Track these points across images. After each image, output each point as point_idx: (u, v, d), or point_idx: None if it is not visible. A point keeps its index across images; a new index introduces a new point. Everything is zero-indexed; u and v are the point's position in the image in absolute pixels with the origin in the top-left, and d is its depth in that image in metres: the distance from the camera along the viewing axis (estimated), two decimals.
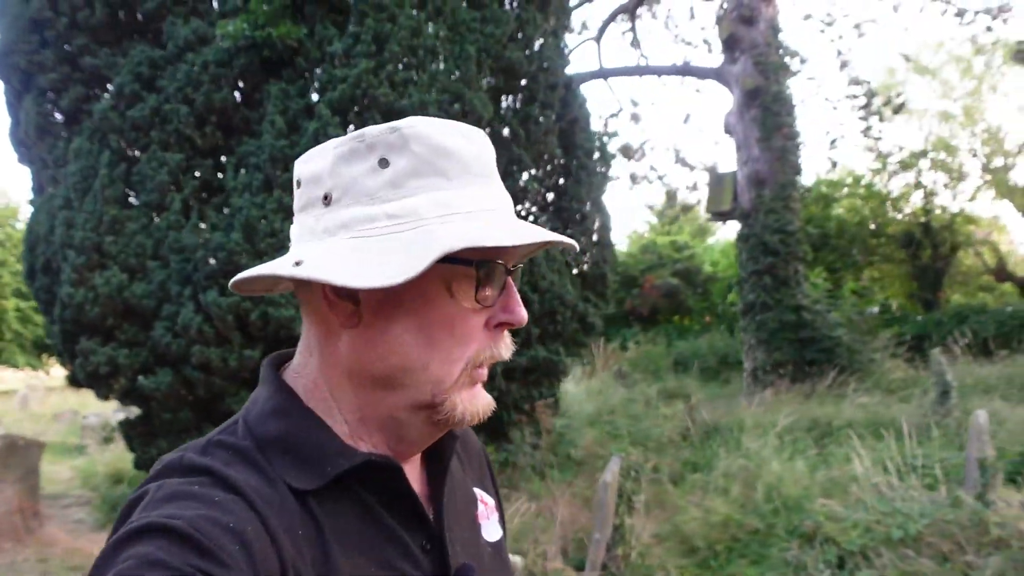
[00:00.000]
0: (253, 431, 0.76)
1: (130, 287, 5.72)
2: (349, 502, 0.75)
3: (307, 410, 0.78)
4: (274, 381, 0.81)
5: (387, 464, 0.76)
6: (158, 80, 5.78)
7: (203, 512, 0.63)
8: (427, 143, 0.74)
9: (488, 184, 0.78)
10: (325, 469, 0.73)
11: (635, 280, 16.63)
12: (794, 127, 10.85)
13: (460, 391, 0.77)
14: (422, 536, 0.80)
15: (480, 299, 0.75)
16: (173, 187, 5.74)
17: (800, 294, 10.57)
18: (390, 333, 0.75)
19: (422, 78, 5.68)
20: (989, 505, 4.29)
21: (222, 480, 0.69)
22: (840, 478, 5.00)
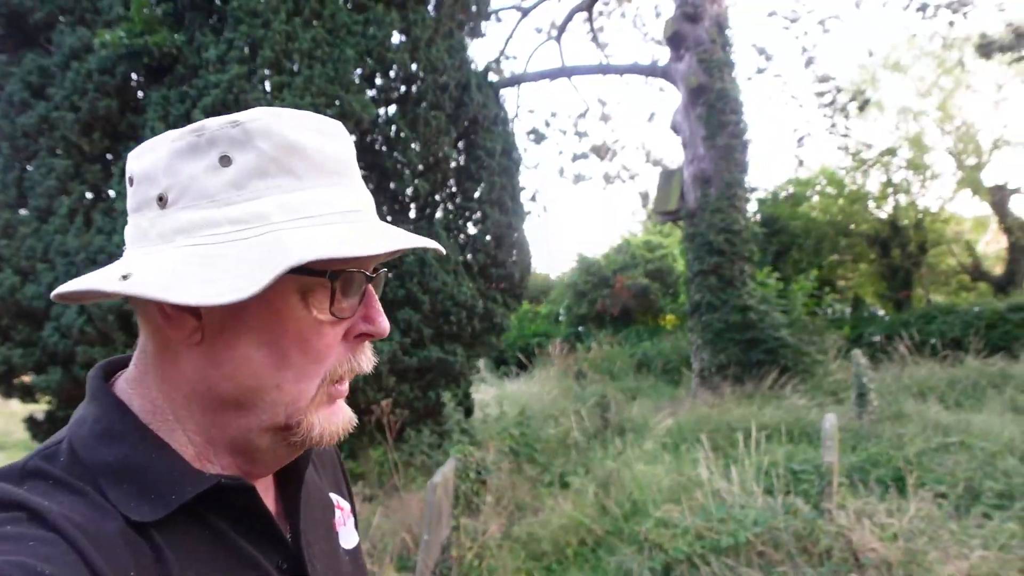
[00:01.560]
0: (82, 457, 0.67)
1: (22, 289, 5.90)
2: (198, 530, 0.68)
3: (145, 430, 0.69)
4: (105, 397, 0.71)
5: (239, 486, 0.70)
6: (47, 88, 5.98)
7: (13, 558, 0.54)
8: (274, 139, 0.67)
9: (346, 183, 0.71)
10: (169, 497, 0.66)
11: (607, 280, 16.64)
12: (740, 125, 10.78)
13: (318, 409, 0.71)
14: (279, 556, 0.75)
15: (336, 311, 0.69)
16: (61, 193, 5.92)
17: (747, 294, 10.51)
18: (237, 351, 0.68)
19: (296, 82, 5.80)
20: (823, 513, 4.29)
21: (39, 517, 0.59)
22: (688, 484, 5.00)
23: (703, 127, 10.78)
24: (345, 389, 0.74)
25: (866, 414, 7.27)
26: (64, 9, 6.00)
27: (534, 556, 4.87)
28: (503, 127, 7.77)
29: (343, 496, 0.95)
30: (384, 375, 6.34)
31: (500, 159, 7.41)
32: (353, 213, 0.69)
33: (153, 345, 0.71)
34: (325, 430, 0.72)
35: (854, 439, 6.95)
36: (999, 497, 4.89)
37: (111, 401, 0.70)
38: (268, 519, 0.73)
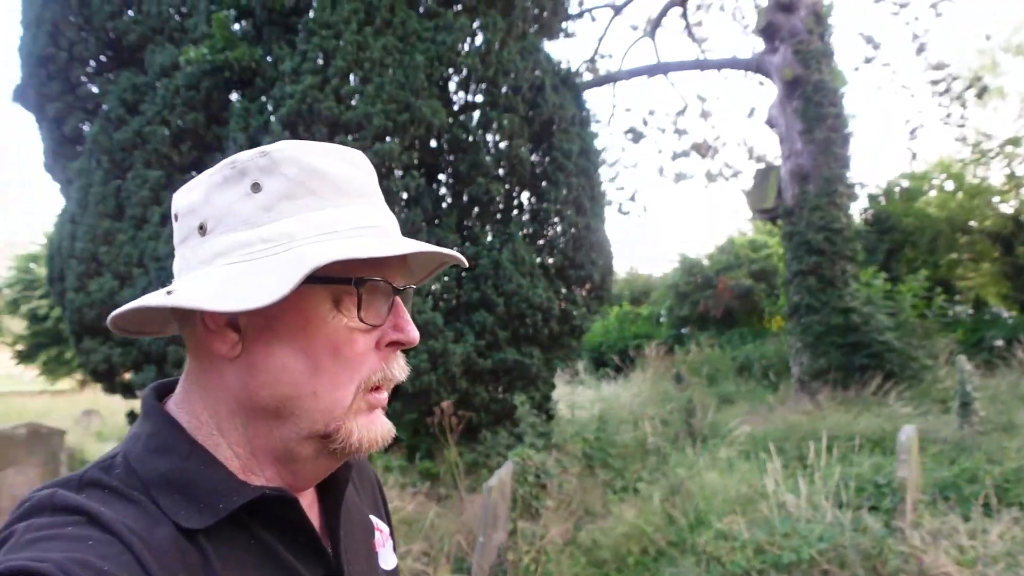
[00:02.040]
0: (136, 469, 0.72)
1: (120, 292, 6.32)
2: (244, 539, 0.72)
3: (194, 444, 0.74)
4: (158, 415, 0.77)
5: (283, 497, 0.74)
6: (141, 104, 6.36)
7: (74, 555, 0.59)
8: (298, 165, 0.74)
9: (367, 204, 0.77)
10: (217, 506, 0.70)
11: (710, 281, 16.14)
12: (840, 117, 10.21)
13: (356, 417, 0.75)
14: (320, 570, 0.78)
15: (364, 318, 0.73)
16: (154, 202, 6.29)
17: (849, 295, 9.94)
18: (274, 360, 0.73)
19: (368, 90, 5.92)
20: (894, 532, 4.00)
21: (97, 520, 0.64)
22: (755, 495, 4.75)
23: (800, 121, 10.29)
24: (384, 398, 0.77)
25: (969, 425, 6.72)
26: (155, 30, 6.37)
27: (595, 563, 4.76)
28: (582, 128, 7.66)
29: (382, 519, 0.98)
30: (457, 377, 6.37)
31: (578, 160, 7.31)
32: (373, 228, 0.74)
33: (198, 362, 0.76)
34: (364, 437, 0.75)
35: (955, 451, 6.44)
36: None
37: (163, 418, 0.75)
38: (311, 532, 0.76)
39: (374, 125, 5.85)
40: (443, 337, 6.13)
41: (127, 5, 6.41)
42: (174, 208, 0.80)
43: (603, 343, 17.25)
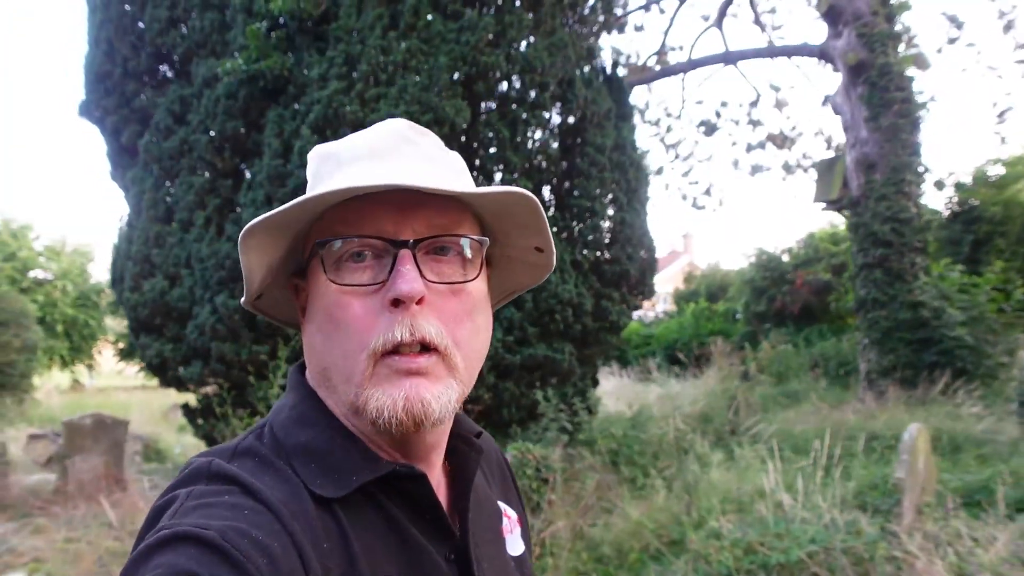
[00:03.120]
0: (279, 439, 0.77)
1: (170, 292, 6.72)
2: (374, 512, 0.75)
3: (332, 417, 0.78)
4: (300, 388, 0.82)
5: (411, 474, 0.76)
6: (187, 114, 6.74)
7: (232, 524, 0.63)
8: (317, 157, 0.82)
9: (369, 164, 0.76)
10: (351, 478, 0.73)
11: (787, 276, 15.58)
12: (910, 102, 9.67)
13: (376, 385, 0.72)
14: (447, 547, 0.79)
15: (334, 279, 0.73)
16: (199, 206, 6.65)
17: (918, 289, 9.43)
18: (308, 337, 0.79)
19: (391, 92, 6.08)
20: (887, 536, 3.83)
21: (250, 490, 0.68)
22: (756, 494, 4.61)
23: (865, 107, 9.84)
24: (411, 361, 0.72)
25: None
26: (199, 43, 6.73)
27: (598, 559, 4.75)
28: (619, 122, 7.60)
29: (512, 506, 0.99)
30: (484, 372, 6.45)
31: (612, 155, 7.25)
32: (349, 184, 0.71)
33: None
34: (382, 404, 0.72)
35: (1011, 452, 6.05)
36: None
37: (305, 391, 0.81)
38: (438, 510, 0.78)
39: None
40: None
41: (174, 22, 6.80)
42: None
43: (678, 340, 16.98)
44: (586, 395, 7.78)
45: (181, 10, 6.77)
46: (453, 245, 0.76)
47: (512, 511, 0.98)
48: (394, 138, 0.80)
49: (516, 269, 0.90)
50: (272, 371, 6.43)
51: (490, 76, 6.48)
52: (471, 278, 0.77)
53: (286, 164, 6.27)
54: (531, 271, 0.91)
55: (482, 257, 0.79)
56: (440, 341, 0.73)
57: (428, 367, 0.73)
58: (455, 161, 0.85)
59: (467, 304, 0.77)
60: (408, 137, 0.80)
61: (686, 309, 18.54)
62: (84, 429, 7.24)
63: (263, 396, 6.34)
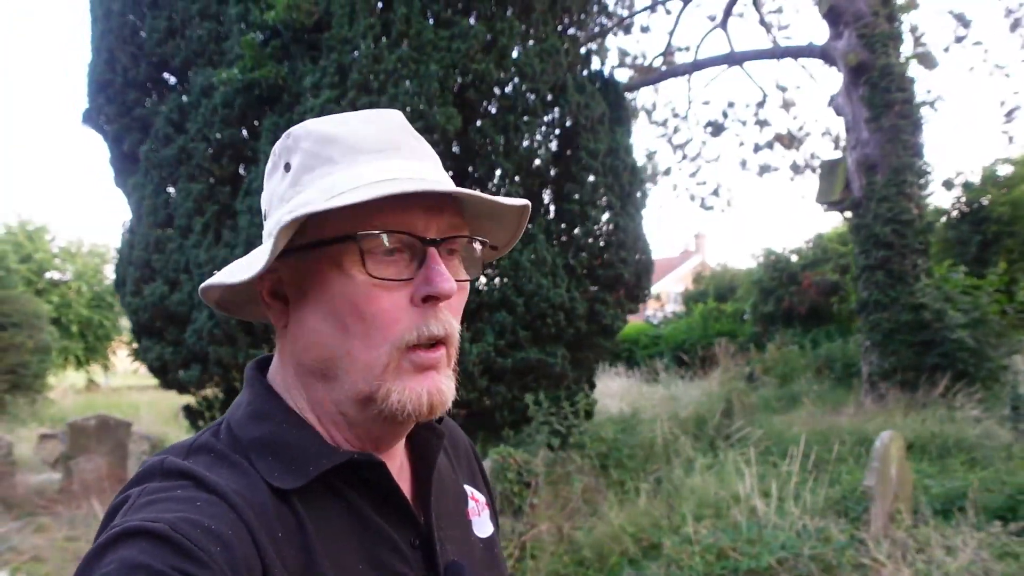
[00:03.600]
0: (235, 434, 0.77)
1: (170, 296, 6.87)
2: (334, 502, 0.76)
3: (289, 411, 0.79)
4: (257, 383, 0.83)
5: (369, 461, 0.76)
6: (186, 123, 6.88)
7: (184, 515, 0.64)
8: (312, 136, 0.79)
9: (388, 158, 0.77)
10: (308, 468, 0.74)
11: (795, 277, 15.52)
12: (911, 103, 9.63)
13: (398, 378, 0.74)
14: (411, 533, 0.80)
15: (372, 272, 0.73)
16: (197, 213, 6.79)
17: (920, 291, 9.38)
18: (307, 325, 0.77)
19: (382, 100, 6.17)
20: (854, 543, 3.87)
21: (203, 483, 0.69)
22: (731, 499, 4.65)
23: (866, 108, 9.79)
24: (432, 357, 0.75)
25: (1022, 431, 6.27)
26: (197, 53, 6.87)
27: (578, 562, 4.81)
28: (614, 126, 7.64)
29: (479, 488, 1.00)
30: (476, 376, 6.53)
31: (605, 159, 7.30)
32: (388, 182, 0.73)
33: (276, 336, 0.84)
34: (406, 399, 0.74)
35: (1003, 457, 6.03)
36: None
37: (262, 387, 0.82)
38: (399, 496, 0.79)
39: None
40: (460, 336, 6.30)
41: (172, 32, 6.94)
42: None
43: (686, 340, 16.96)
44: (575, 399, 7.84)
45: (179, 21, 6.91)
46: (464, 245, 0.80)
47: (480, 494, 0.98)
48: (406, 133, 0.80)
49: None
50: None
51: (481, 83, 6.55)
52: (475, 277, 0.82)
53: None
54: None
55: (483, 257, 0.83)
56: (455, 335, 0.77)
57: (440, 360, 0.76)
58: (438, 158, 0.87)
59: (463, 301, 0.81)
60: (413, 132, 0.82)
61: (695, 310, 18.51)
62: (88, 430, 7.40)
63: None
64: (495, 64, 6.58)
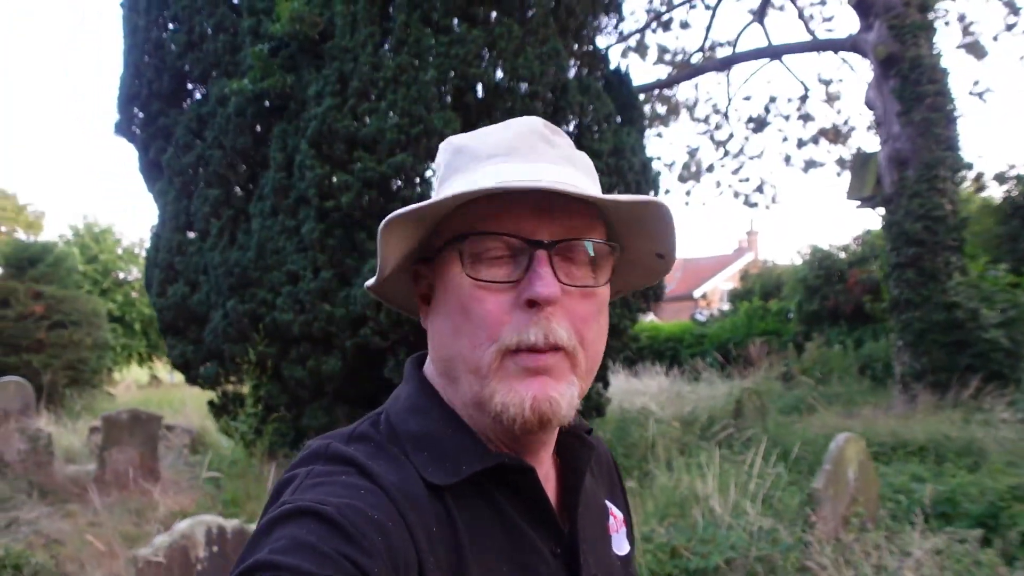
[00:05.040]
0: (395, 426, 0.79)
1: (191, 297, 7.23)
2: (482, 501, 0.76)
3: (445, 407, 0.80)
4: (415, 378, 0.84)
5: (520, 466, 0.77)
6: (204, 131, 7.22)
7: (349, 501, 0.66)
8: (448, 148, 0.83)
9: (503, 162, 0.77)
10: (460, 467, 0.74)
11: (842, 275, 15.11)
12: (944, 95, 9.29)
13: (502, 381, 0.74)
14: (553, 542, 0.79)
15: (472, 274, 0.74)
16: (214, 216, 7.12)
17: (953, 289, 9.08)
18: (435, 326, 0.80)
19: (381, 107, 6.36)
20: (799, 545, 3.86)
21: (366, 472, 0.71)
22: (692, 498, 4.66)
23: (897, 102, 9.51)
24: (539, 361, 0.73)
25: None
26: (214, 64, 7.21)
27: None
28: (618, 126, 7.67)
29: (618, 505, 0.99)
30: None
31: (609, 159, 7.33)
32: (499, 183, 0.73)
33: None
34: (508, 401, 0.73)
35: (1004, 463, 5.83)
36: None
37: (419, 381, 0.84)
38: (546, 504, 0.79)
39: (387, 140, 6.29)
40: None
41: (191, 45, 7.30)
42: None
43: (731, 339, 16.72)
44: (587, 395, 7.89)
45: (198, 34, 7.26)
46: (585, 248, 0.77)
47: (618, 511, 0.98)
48: (532, 137, 0.80)
49: (630, 271, 0.90)
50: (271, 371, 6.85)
51: (479, 87, 6.67)
52: (602, 283, 0.79)
53: (289, 177, 6.66)
54: (646, 274, 0.91)
55: (612, 262, 0.81)
56: (569, 343, 0.74)
57: (553, 365, 0.73)
58: (588, 163, 0.86)
59: (594, 306, 0.78)
60: (544, 136, 0.81)
61: (740, 308, 18.22)
62: (121, 423, 7.83)
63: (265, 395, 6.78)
64: (493, 68, 6.69)
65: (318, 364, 6.64)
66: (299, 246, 6.58)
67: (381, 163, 6.29)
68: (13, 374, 10.21)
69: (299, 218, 6.60)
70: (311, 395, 6.95)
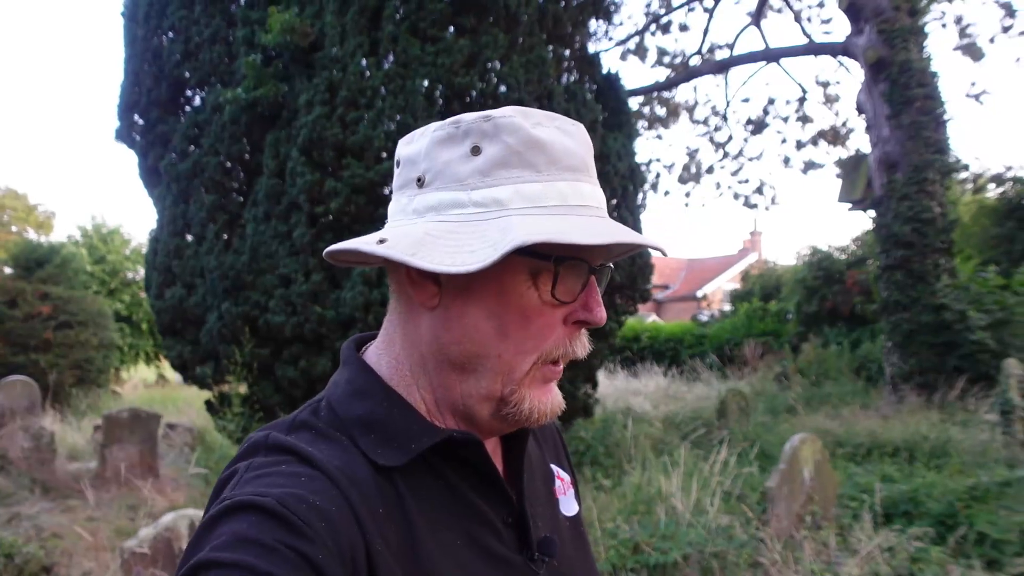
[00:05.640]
0: (337, 411, 0.79)
1: (187, 299, 7.44)
2: (432, 478, 0.77)
3: (389, 389, 0.80)
4: (355, 362, 0.84)
5: (468, 440, 0.78)
6: (200, 138, 7.42)
7: (290, 490, 0.66)
8: (519, 134, 0.76)
9: (579, 179, 0.78)
10: (409, 446, 0.75)
11: (840, 276, 15.18)
12: (933, 99, 9.38)
13: (531, 386, 0.78)
14: (504, 511, 0.82)
15: (557, 295, 0.75)
16: (210, 221, 7.32)
17: (941, 291, 9.17)
18: (467, 317, 0.77)
19: (369, 115, 6.54)
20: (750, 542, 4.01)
21: (306, 459, 0.71)
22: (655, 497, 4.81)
23: (886, 105, 9.62)
24: (559, 372, 0.80)
25: (1011, 436, 6.14)
26: (210, 73, 7.41)
27: None
28: (604, 132, 7.81)
29: (563, 467, 1.02)
30: None
31: (595, 164, 7.47)
32: (583, 207, 0.76)
33: (399, 308, 0.83)
34: (535, 407, 0.78)
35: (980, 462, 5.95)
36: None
37: (360, 365, 0.83)
38: (495, 474, 0.81)
39: (375, 147, 6.47)
40: None
41: (188, 55, 7.50)
42: (397, 155, 0.84)
43: (731, 340, 16.83)
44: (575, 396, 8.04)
45: (194, 44, 7.46)
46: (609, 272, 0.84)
47: (564, 473, 1.00)
48: (589, 150, 0.82)
49: None
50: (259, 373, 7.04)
51: (464, 95, 6.83)
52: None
53: (282, 183, 6.85)
54: None
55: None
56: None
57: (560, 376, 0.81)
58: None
59: None
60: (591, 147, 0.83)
61: (740, 309, 18.32)
62: (121, 421, 8.05)
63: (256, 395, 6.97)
64: (478, 77, 6.85)
65: (310, 365, 6.83)
66: (291, 250, 6.77)
67: (369, 170, 6.47)
68: (20, 373, 10.49)
69: (291, 223, 6.79)
70: (304, 395, 7.13)
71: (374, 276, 6.50)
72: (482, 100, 6.90)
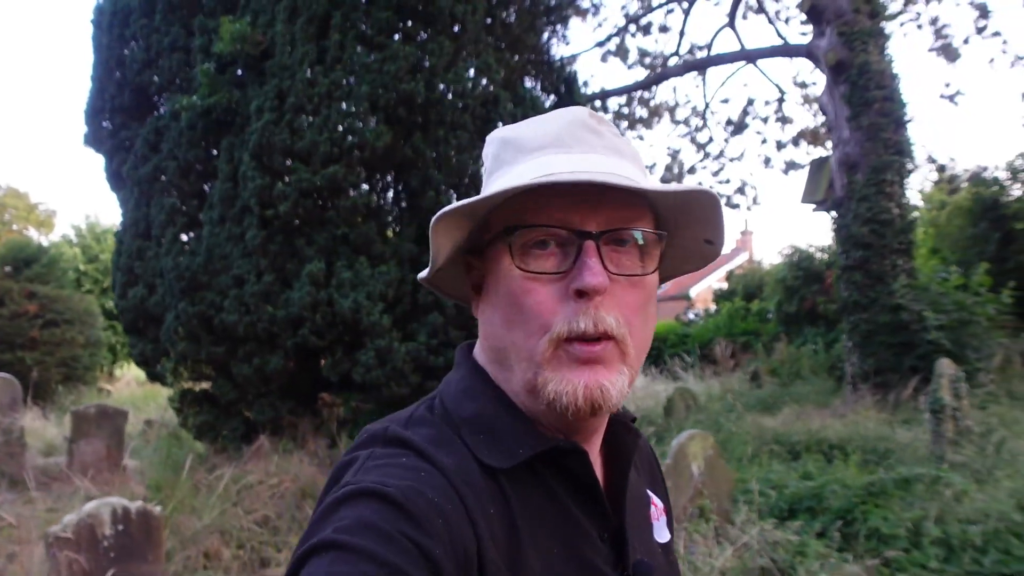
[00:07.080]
0: (449, 410, 0.81)
1: (148, 299, 7.67)
2: (535, 484, 0.77)
3: (497, 391, 0.81)
4: (467, 363, 0.86)
5: (574, 449, 0.78)
6: (160, 144, 7.66)
7: (411, 483, 0.67)
8: (495, 142, 0.83)
9: (550, 154, 0.78)
10: (517, 451, 0.76)
11: (820, 275, 15.26)
12: (893, 100, 9.47)
13: (557, 369, 0.74)
14: (602, 526, 0.81)
15: (520, 265, 0.75)
16: (169, 224, 7.55)
17: (899, 292, 9.27)
18: (486, 316, 0.82)
19: (316, 121, 6.74)
20: None
21: (424, 455, 0.73)
22: None
23: (847, 107, 9.73)
24: (590, 350, 0.74)
25: (940, 437, 6.25)
26: (170, 81, 7.65)
27: None
28: None
29: (658, 494, 1.01)
30: (409, 372, 7.01)
31: None
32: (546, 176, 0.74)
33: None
34: (561, 389, 0.74)
35: (904, 460, 6.08)
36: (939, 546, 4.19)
37: (471, 366, 0.85)
38: (596, 488, 0.80)
39: (320, 152, 6.67)
40: (389, 336, 6.82)
41: (149, 63, 7.73)
42: None
43: (713, 339, 16.94)
44: None
45: (155, 52, 7.69)
46: (634, 238, 0.78)
47: (659, 500, 0.99)
48: (579, 128, 0.81)
49: (680, 256, 0.91)
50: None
51: (413, 101, 7.01)
52: (650, 271, 0.79)
53: (235, 187, 7.06)
54: (694, 259, 0.92)
55: (660, 250, 0.80)
56: (618, 331, 0.74)
57: (605, 354, 0.74)
58: (636, 153, 0.86)
59: (643, 295, 0.79)
60: (591, 126, 0.81)
61: (723, 308, 18.44)
62: (89, 417, 8.30)
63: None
64: (424, 84, 7.04)
65: (263, 362, 7.05)
66: (244, 252, 6.98)
67: (316, 174, 6.67)
68: (6, 371, 10.76)
69: (244, 225, 7.00)
70: (257, 391, 7.35)
71: (321, 277, 6.70)
72: (427, 106, 7.09)
